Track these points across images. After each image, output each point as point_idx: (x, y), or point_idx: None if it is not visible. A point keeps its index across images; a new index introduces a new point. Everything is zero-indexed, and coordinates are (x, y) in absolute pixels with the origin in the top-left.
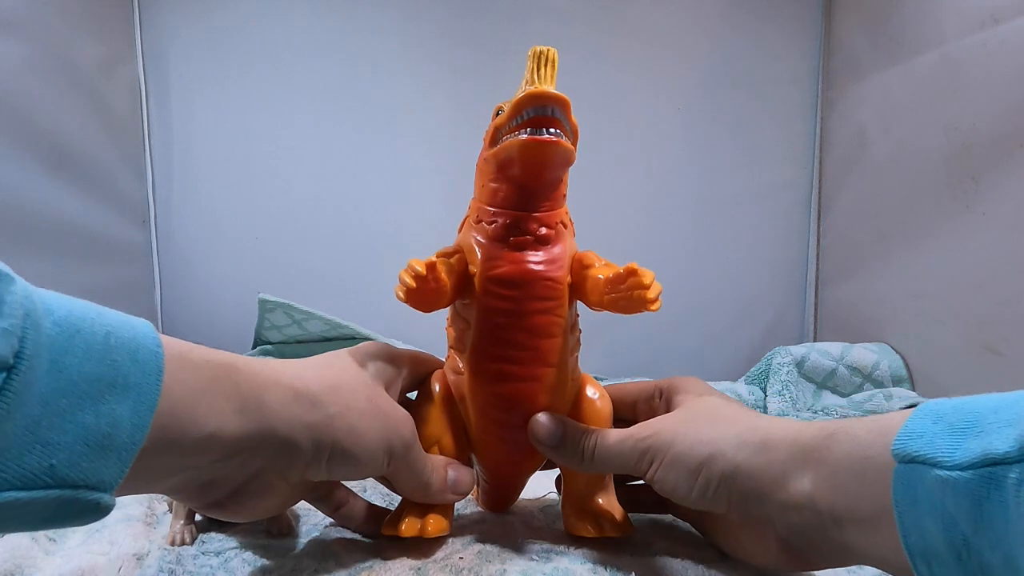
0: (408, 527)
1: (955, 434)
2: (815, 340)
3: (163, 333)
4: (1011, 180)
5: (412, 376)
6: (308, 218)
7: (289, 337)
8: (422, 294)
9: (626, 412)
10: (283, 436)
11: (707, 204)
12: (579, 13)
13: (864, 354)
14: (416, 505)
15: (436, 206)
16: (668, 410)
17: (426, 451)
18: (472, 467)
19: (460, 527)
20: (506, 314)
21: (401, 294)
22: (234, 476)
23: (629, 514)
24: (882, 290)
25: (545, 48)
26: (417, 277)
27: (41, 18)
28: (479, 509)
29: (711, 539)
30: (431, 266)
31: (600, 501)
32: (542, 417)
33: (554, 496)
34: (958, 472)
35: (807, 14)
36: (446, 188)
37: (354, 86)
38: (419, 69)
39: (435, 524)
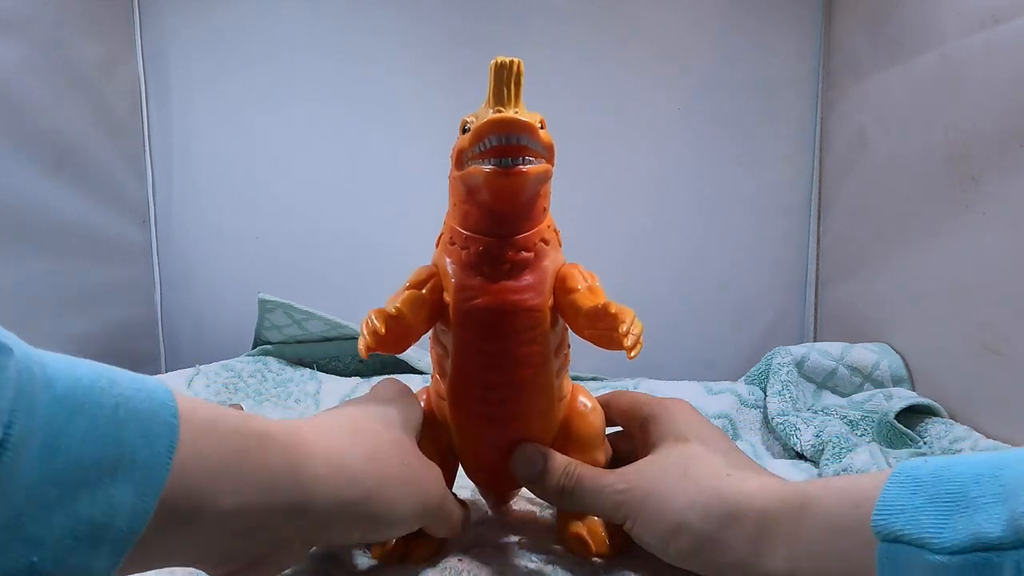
0: (389, 555)
1: (939, 510)
2: (815, 340)
3: (163, 333)
4: (1011, 180)
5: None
6: (308, 218)
7: (289, 337)
8: (385, 345)
9: (616, 422)
10: (316, 511)
11: (707, 204)
12: (579, 13)
13: (864, 354)
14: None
15: (436, 206)
16: (646, 440)
17: None
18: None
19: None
20: (484, 347)
21: (362, 350)
22: (256, 548)
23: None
24: (882, 290)
25: (508, 60)
26: (375, 335)
27: (41, 18)
28: (480, 508)
29: None
30: (391, 319)
31: (595, 519)
32: (525, 450)
33: None
34: (948, 556)
35: (807, 14)
36: (446, 188)
37: (355, 86)
38: (420, 69)
39: (422, 551)
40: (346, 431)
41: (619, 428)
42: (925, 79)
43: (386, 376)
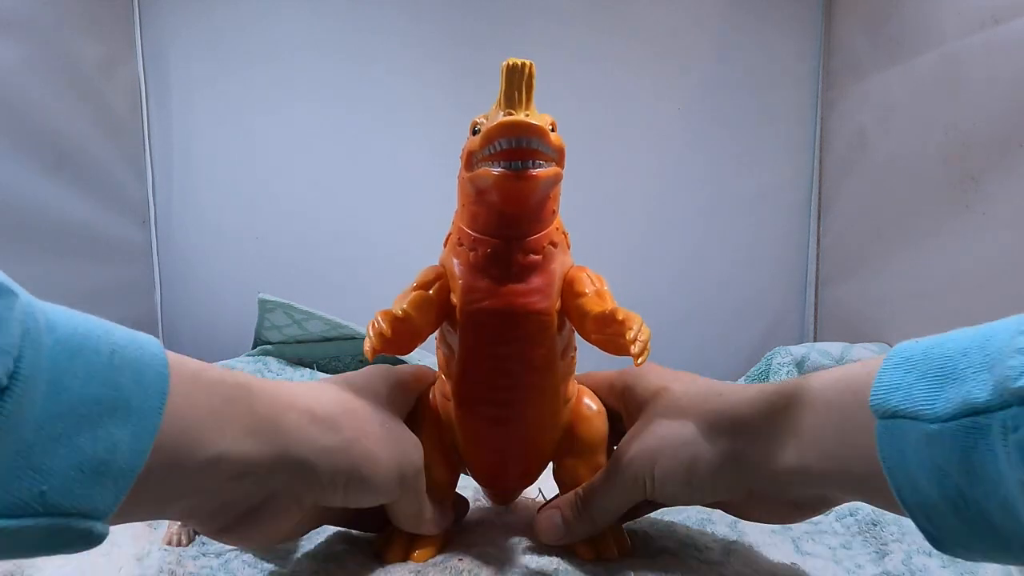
0: (393, 555)
1: (931, 383)
2: (815, 340)
3: (163, 333)
4: (1011, 180)
5: (416, 395)
6: (308, 218)
7: (289, 337)
8: (392, 347)
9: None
10: (299, 458)
11: (707, 204)
12: (579, 13)
13: (864, 354)
14: (404, 533)
15: (437, 206)
16: (629, 409)
17: None
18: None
19: (461, 528)
20: (490, 349)
21: (368, 352)
22: (245, 499)
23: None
24: (882, 290)
25: (520, 62)
26: (381, 336)
27: (41, 18)
28: (481, 508)
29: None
30: (398, 321)
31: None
32: (541, 518)
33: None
34: (941, 424)
35: (807, 14)
36: (447, 188)
37: (355, 86)
38: (420, 69)
39: (421, 553)
40: (329, 388)
41: None
42: (925, 79)
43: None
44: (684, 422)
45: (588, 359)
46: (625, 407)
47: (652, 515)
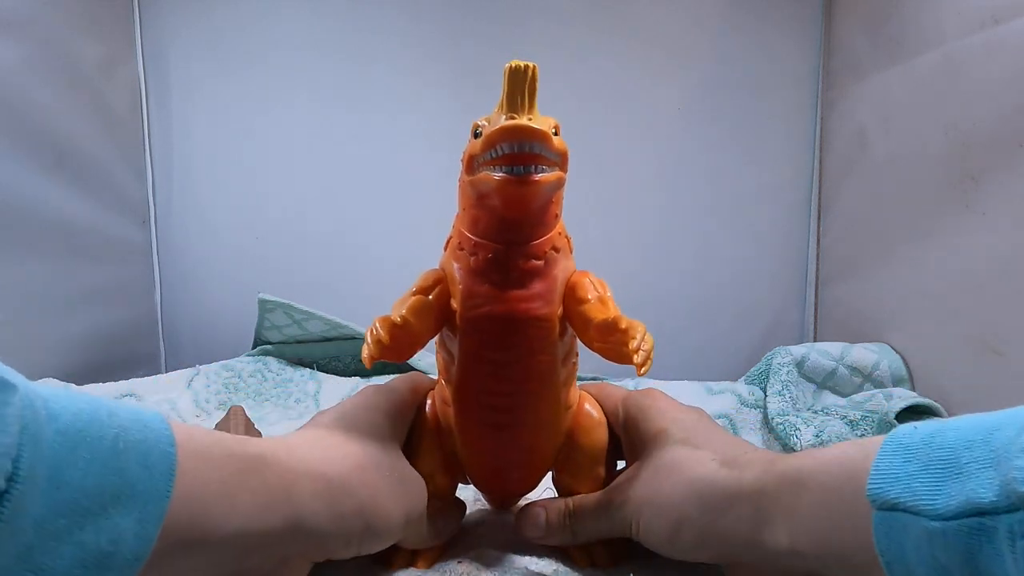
0: (396, 561)
1: (932, 477)
2: (815, 340)
3: (163, 333)
4: (1011, 180)
5: (415, 408)
6: (308, 218)
7: (289, 337)
8: (390, 354)
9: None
10: (313, 528)
11: (707, 204)
12: (579, 13)
13: (864, 354)
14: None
15: (437, 207)
16: (631, 440)
17: None
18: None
19: (461, 530)
20: (490, 355)
21: (366, 360)
22: (258, 568)
23: None
24: (882, 290)
25: (523, 64)
26: (379, 344)
27: (41, 18)
28: (480, 510)
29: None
30: (396, 328)
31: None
32: (526, 512)
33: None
34: (943, 522)
35: (807, 14)
36: (447, 189)
37: (355, 86)
38: (420, 69)
39: (425, 560)
40: (337, 444)
41: None
42: (925, 79)
43: (371, 383)
44: (675, 481)
45: (589, 365)
46: (626, 437)
47: None
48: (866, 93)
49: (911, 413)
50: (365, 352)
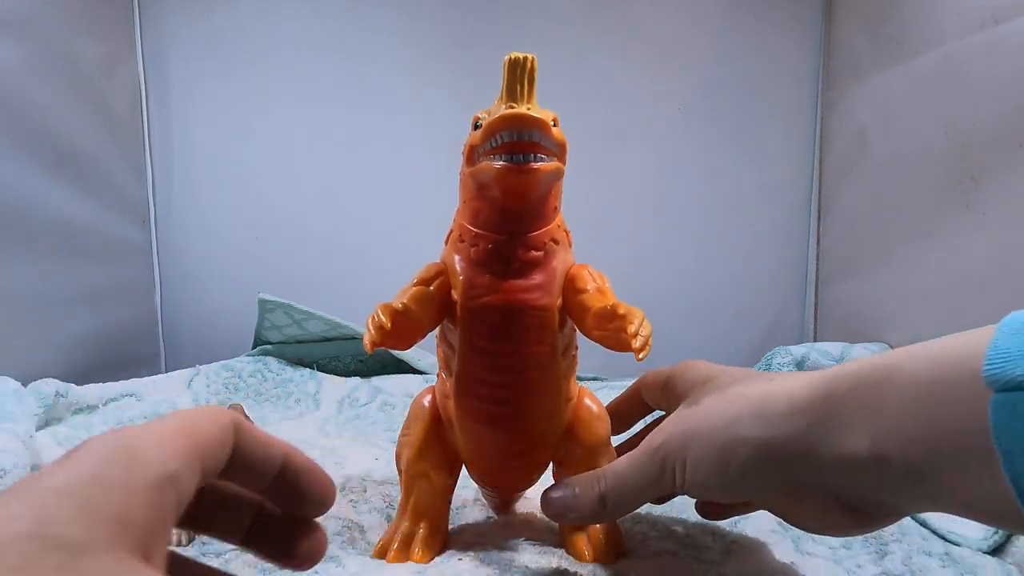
0: (394, 555)
1: None
2: (815, 340)
3: (163, 333)
4: (1011, 180)
5: (213, 470)
6: (308, 218)
7: (289, 337)
8: (391, 341)
9: (635, 414)
10: None
11: (707, 204)
12: (579, 12)
13: (864, 354)
14: (404, 534)
15: (437, 206)
16: (670, 400)
17: (413, 483)
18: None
19: (461, 528)
20: (490, 346)
21: (367, 345)
22: None
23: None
24: (882, 290)
25: (522, 56)
26: (380, 330)
27: (41, 18)
28: (481, 508)
29: (790, 522)
30: (398, 314)
31: (597, 527)
32: (551, 493)
33: None
34: None
35: (807, 14)
36: (447, 188)
37: (355, 86)
38: (420, 68)
39: (422, 554)
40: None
41: (628, 437)
42: (925, 79)
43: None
44: (726, 406)
45: (589, 364)
46: (667, 401)
47: (652, 515)
48: (866, 93)
49: None
50: (366, 339)
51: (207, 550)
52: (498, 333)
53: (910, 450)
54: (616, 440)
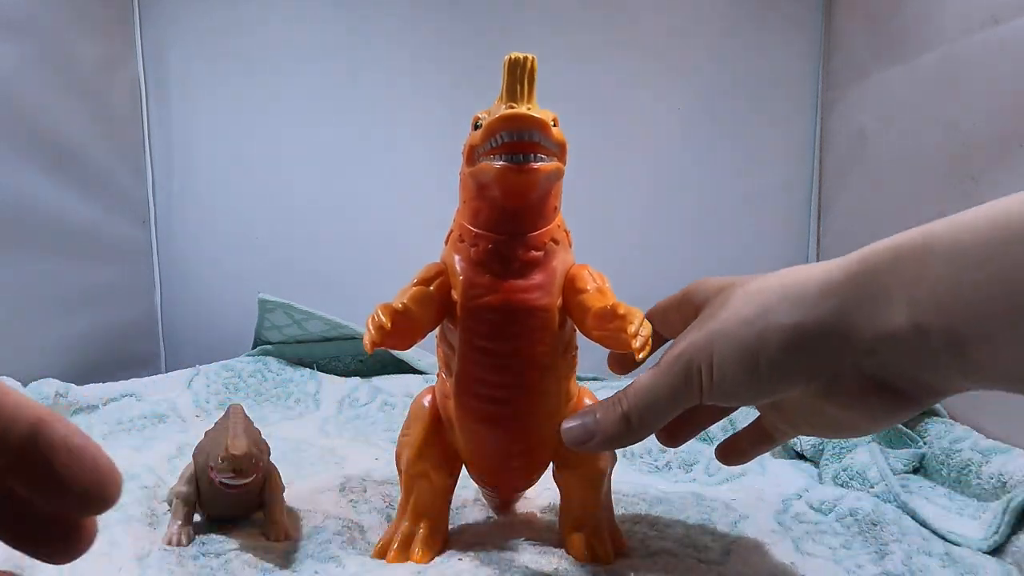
0: (394, 555)
1: None
2: None
3: (163, 333)
4: (1011, 180)
5: None
6: (308, 218)
7: (289, 337)
8: (391, 340)
9: (656, 324)
10: None
11: (707, 204)
12: (579, 14)
13: None
14: (404, 534)
15: (436, 206)
16: (684, 316)
17: (413, 483)
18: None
19: (461, 528)
20: (490, 346)
21: (367, 345)
22: None
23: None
24: None
25: (522, 56)
26: (380, 330)
27: (41, 18)
28: (481, 508)
29: (797, 430)
30: (397, 314)
31: (597, 524)
32: (568, 425)
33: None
34: None
35: (807, 14)
36: (446, 188)
37: (354, 86)
38: (419, 69)
39: (422, 554)
40: None
41: None
42: (925, 79)
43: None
44: (754, 298)
45: (589, 363)
46: (683, 320)
47: (652, 515)
48: (866, 93)
49: None
50: (366, 339)
51: (207, 550)
52: (498, 333)
53: (952, 319)
54: None
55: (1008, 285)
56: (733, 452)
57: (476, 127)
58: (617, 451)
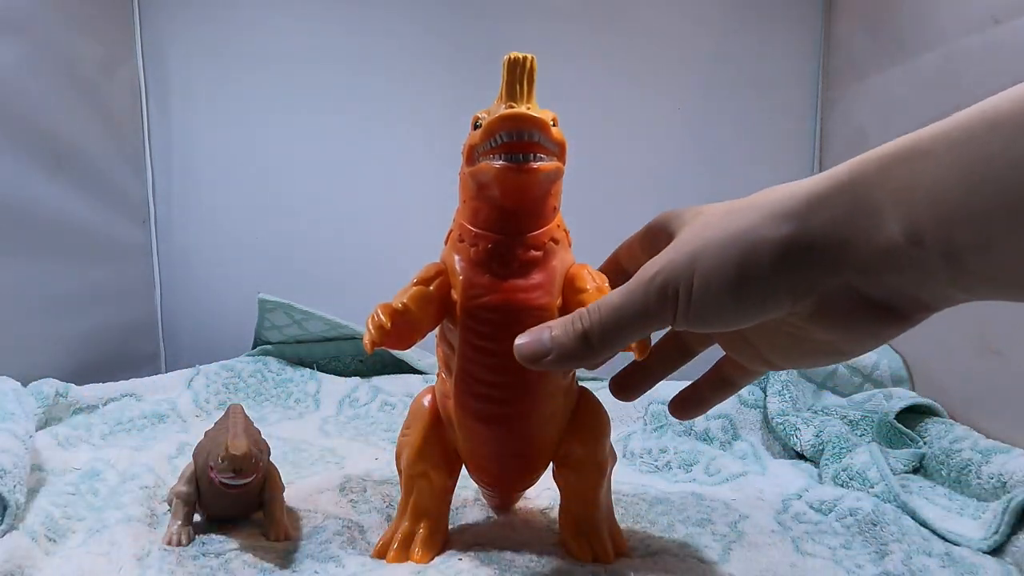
0: (394, 555)
1: None
2: None
3: (163, 333)
4: None
5: None
6: (308, 218)
7: (289, 337)
8: (391, 340)
9: (626, 263)
10: None
11: (707, 203)
12: (579, 12)
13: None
14: (404, 534)
15: (436, 207)
16: (655, 245)
17: (413, 483)
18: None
19: (461, 528)
20: (490, 346)
21: (367, 345)
22: None
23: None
24: None
25: (522, 56)
26: (380, 330)
27: (41, 18)
28: (481, 508)
29: (783, 363)
30: (397, 314)
31: (597, 524)
32: (522, 341)
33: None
34: None
35: (807, 14)
36: (446, 189)
37: (354, 86)
38: (419, 69)
39: (422, 554)
40: None
41: None
42: (925, 79)
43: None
44: (740, 215)
45: None
46: (654, 248)
47: (652, 515)
48: (866, 93)
49: (911, 413)
50: (366, 338)
51: (207, 550)
52: (498, 333)
53: (949, 227)
54: None
55: (1004, 184)
56: (692, 402)
57: (476, 127)
58: (617, 451)
